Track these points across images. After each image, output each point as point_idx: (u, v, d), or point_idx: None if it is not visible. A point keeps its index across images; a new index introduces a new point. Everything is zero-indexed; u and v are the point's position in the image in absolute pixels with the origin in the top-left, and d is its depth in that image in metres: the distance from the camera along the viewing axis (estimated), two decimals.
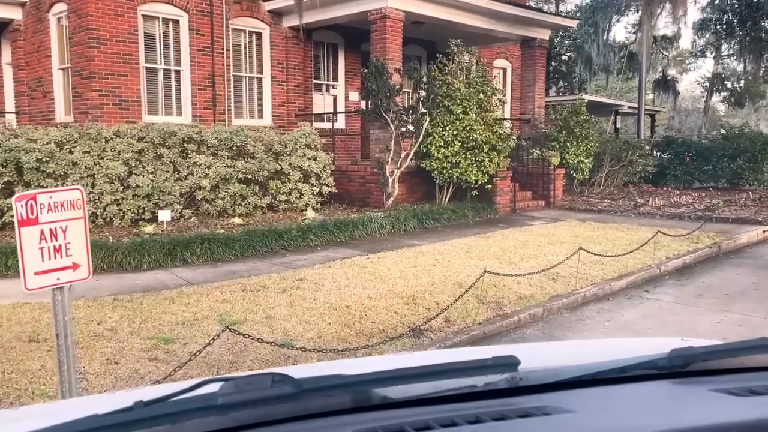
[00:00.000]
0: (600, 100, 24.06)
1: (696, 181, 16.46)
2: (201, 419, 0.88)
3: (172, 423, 0.86)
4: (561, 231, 9.68)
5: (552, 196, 13.23)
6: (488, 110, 11.40)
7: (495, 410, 1.00)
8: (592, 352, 1.47)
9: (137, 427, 0.84)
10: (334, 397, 0.99)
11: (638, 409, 1.06)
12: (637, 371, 1.17)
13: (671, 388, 1.16)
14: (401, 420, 0.95)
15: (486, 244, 8.51)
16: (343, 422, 0.96)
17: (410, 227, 10.01)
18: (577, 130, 13.73)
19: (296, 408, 0.95)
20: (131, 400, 0.88)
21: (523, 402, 1.05)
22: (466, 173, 11.22)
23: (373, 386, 1.02)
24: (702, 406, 1.07)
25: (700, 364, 1.19)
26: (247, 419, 0.92)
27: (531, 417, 0.99)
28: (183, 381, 1.48)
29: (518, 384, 1.11)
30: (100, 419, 0.83)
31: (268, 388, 0.91)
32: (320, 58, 14.52)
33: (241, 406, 0.89)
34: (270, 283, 6.16)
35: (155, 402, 0.88)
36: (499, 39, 15.13)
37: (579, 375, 1.15)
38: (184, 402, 0.88)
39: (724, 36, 29.62)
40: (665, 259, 7.61)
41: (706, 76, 58.17)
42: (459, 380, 1.06)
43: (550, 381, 1.13)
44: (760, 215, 10.97)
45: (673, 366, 1.16)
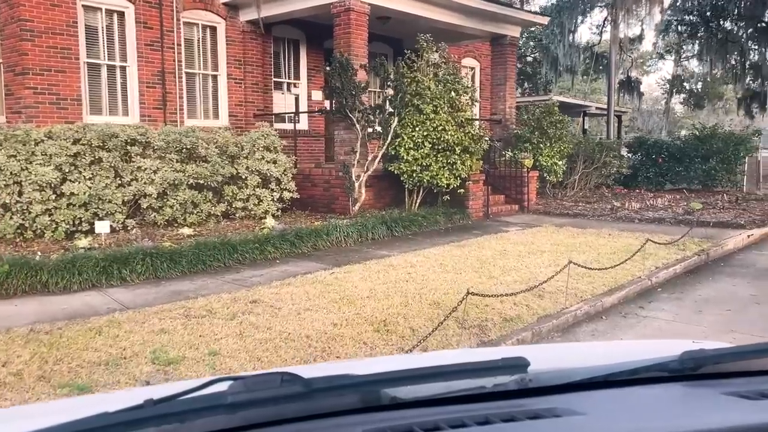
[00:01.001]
0: (568, 100, 23.75)
1: (668, 182, 16.15)
2: (210, 418, 0.88)
3: (181, 422, 0.86)
4: (539, 238, 9.06)
5: (526, 200, 12.65)
6: (460, 110, 10.75)
7: (504, 411, 0.99)
8: (602, 354, 1.48)
9: (147, 425, 0.83)
10: (344, 397, 0.99)
11: (649, 412, 1.05)
12: (648, 373, 1.17)
13: (682, 391, 1.16)
14: (410, 420, 0.94)
15: (461, 254, 7.82)
16: (352, 422, 0.96)
17: (378, 235, 9.26)
18: (550, 130, 13.20)
19: (305, 407, 0.95)
20: (141, 398, 0.88)
21: (532, 403, 1.05)
22: (437, 177, 10.53)
23: (383, 386, 1.02)
24: (713, 409, 1.06)
25: (711, 367, 1.18)
26: (256, 418, 0.92)
27: (540, 419, 0.98)
28: (192, 379, 1.40)
29: (528, 385, 1.10)
30: (111, 417, 0.83)
31: (278, 388, 0.91)
32: (281, 55, 13.66)
33: (250, 405, 0.89)
34: (219, 307, 5.33)
35: (165, 400, 0.88)
36: (469, 36, 14.52)
37: (589, 377, 1.14)
38: (193, 401, 0.88)
39: (686, 37, 29.72)
40: (655, 269, 7.04)
41: (666, 77, 59.16)
42: (468, 381, 1.06)
43: (560, 383, 1.12)
44: (742, 218, 10.57)
45: (684, 369, 1.15)
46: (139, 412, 0.85)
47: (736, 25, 25.19)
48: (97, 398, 1.48)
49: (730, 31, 25.88)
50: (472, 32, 13.81)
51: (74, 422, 0.83)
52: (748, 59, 28.54)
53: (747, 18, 23.50)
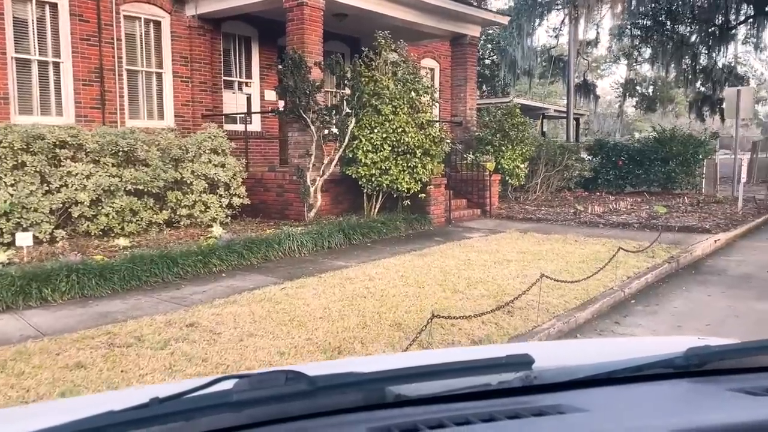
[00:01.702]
0: (528, 103, 23.64)
1: (628, 185, 16.05)
2: (215, 416, 0.88)
3: (186, 420, 0.86)
4: (504, 245, 8.63)
5: (488, 204, 12.26)
6: (420, 111, 10.26)
7: (509, 409, 0.99)
8: (607, 351, 1.43)
9: (152, 424, 0.83)
10: (348, 395, 0.99)
11: (654, 409, 1.05)
12: (652, 370, 1.16)
13: (687, 388, 1.15)
14: (415, 418, 0.95)
15: (424, 264, 7.30)
16: (357, 420, 0.96)
17: (335, 244, 8.67)
18: (512, 133, 12.86)
19: (310, 405, 0.95)
20: (146, 396, 0.87)
21: (537, 401, 1.05)
22: (397, 181, 10.02)
23: (387, 384, 1.02)
24: (719, 406, 1.06)
25: (716, 363, 1.17)
26: (261, 416, 0.92)
27: (545, 416, 0.98)
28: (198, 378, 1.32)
29: (532, 383, 1.10)
30: (116, 415, 0.83)
31: (283, 386, 0.91)
32: (231, 53, 12.94)
33: (255, 403, 0.89)
34: (149, 333, 4.66)
35: (170, 399, 0.88)
36: (428, 35, 14.08)
37: (594, 374, 1.14)
38: (199, 399, 0.88)
39: (640, 42, 30.08)
40: (627, 279, 6.67)
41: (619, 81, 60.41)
42: (473, 378, 1.05)
43: (565, 380, 1.12)
44: (706, 223, 10.40)
45: (689, 365, 1.14)
46: (145, 411, 0.84)
47: (690, 27, 25.55)
48: (102, 397, 1.46)
49: (684, 35, 26.26)
50: (431, 31, 13.38)
51: (80, 421, 0.82)
52: (699, 63, 29.08)
53: (701, 21, 23.82)
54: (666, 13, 24.89)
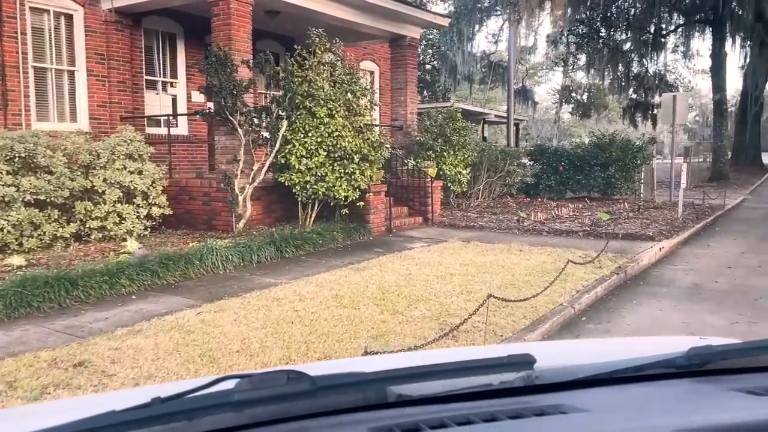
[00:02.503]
0: (469, 107, 23.48)
1: (569, 190, 15.96)
2: (217, 416, 0.87)
3: (188, 419, 0.86)
4: (447, 257, 8.13)
5: (430, 211, 11.79)
6: (358, 114, 9.67)
7: (511, 409, 0.99)
8: (608, 351, 1.42)
9: (154, 424, 0.83)
10: (350, 395, 0.98)
11: (656, 408, 1.05)
12: (654, 370, 1.15)
13: (689, 387, 1.15)
14: (416, 418, 0.95)
15: (361, 280, 6.70)
16: (359, 419, 0.96)
17: (265, 258, 7.95)
18: (454, 138, 12.46)
19: (312, 405, 0.95)
20: (148, 396, 0.87)
21: (538, 400, 1.05)
22: (334, 188, 9.38)
23: (389, 384, 1.01)
24: (720, 406, 1.06)
25: (718, 363, 1.17)
26: (262, 416, 0.92)
27: (547, 416, 0.98)
28: (199, 378, 1.26)
29: (534, 383, 1.09)
30: (118, 415, 0.83)
31: (284, 385, 0.90)
32: (154, 50, 12.00)
33: (256, 402, 0.89)
34: (26, 376, 3.86)
35: (172, 398, 0.88)
36: (367, 36, 13.54)
37: (595, 374, 1.14)
38: (200, 399, 0.88)
39: (576, 48, 30.57)
40: (576, 293, 6.26)
41: (556, 88, 61.89)
42: (474, 378, 1.05)
43: (566, 380, 1.11)
44: (649, 229, 10.24)
45: (690, 365, 1.14)
46: (147, 411, 0.84)
47: (625, 35, 26.06)
48: (104, 397, 1.44)
49: (618, 42, 26.78)
50: (370, 31, 12.84)
51: (82, 420, 0.82)
52: (632, 70, 29.80)
53: (634, 29, 24.29)
54: (602, 21, 25.30)
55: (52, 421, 0.83)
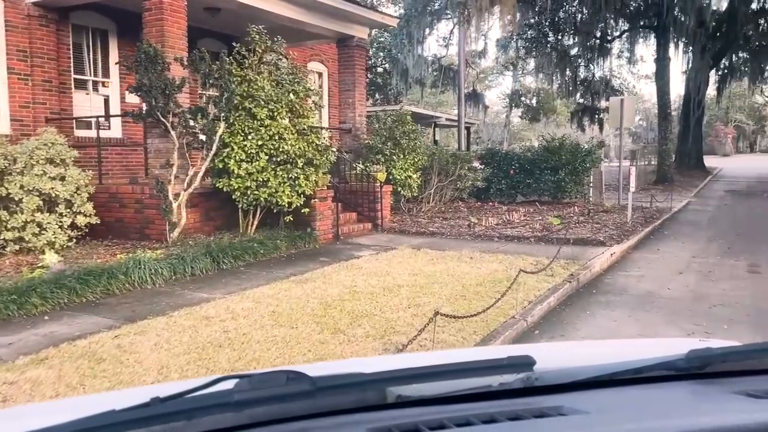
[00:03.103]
0: (419, 111, 23.28)
1: (520, 194, 15.86)
2: (216, 416, 0.88)
3: (188, 419, 0.86)
4: (396, 266, 7.75)
5: (380, 217, 11.40)
6: (302, 116, 9.19)
7: (510, 410, 0.99)
8: (608, 353, 1.45)
9: (153, 423, 0.83)
10: (349, 395, 0.99)
11: (656, 411, 1.04)
12: (654, 372, 1.15)
13: (689, 390, 1.15)
14: (416, 419, 0.94)
15: (303, 294, 6.24)
16: (358, 420, 0.95)
17: (200, 270, 7.39)
18: (403, 141, 12.12)
19: (311, 405, 0.95)
20: (147, 396, 0.87)
21: (538, 402, 1.04)
22: (277, 194, 8.88)
23: (388, 385, 1.01)
24: (720, 408, 1.05)
25: (718, 365, 1.16)
26: (262, 416, 0.92)
27: (546, 417, 0.98)
28: (198, 378, 1.18)
29: (533, 384, 1.09)
30: (117, 415, 0.83)
31: (283, 386, 0.90)
32: (84, 48, 11.22)
33: (256, 403, 0.89)
34: None
35: (171, 398, 0.88)
36: (314, 36, 13.08)
37: (595, 375, 1.13)
38: (200, 399, 0.88)
39: (525, 53, 30.82)
40: (528, 304, 5.97)
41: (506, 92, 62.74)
42: (474, 380, 1.06)
43: (566, 381, 1.11)
44: (600, 234, 10.12)
45: (690, 367, 1.14)
46: (146, 410, 0.84)
47: (572, 39, 26.36)
48: (103, 397, 1.37)
49: (566, 47, 27.09)
50: (316, 31, 12.38)
51: (81, 420, 0.82)
52: (579, 75, 30.23)
53: (581, 34, 24.58)
54: (550, 25, 25.51)
55: (51, 421, 0.83)
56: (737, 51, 26.02)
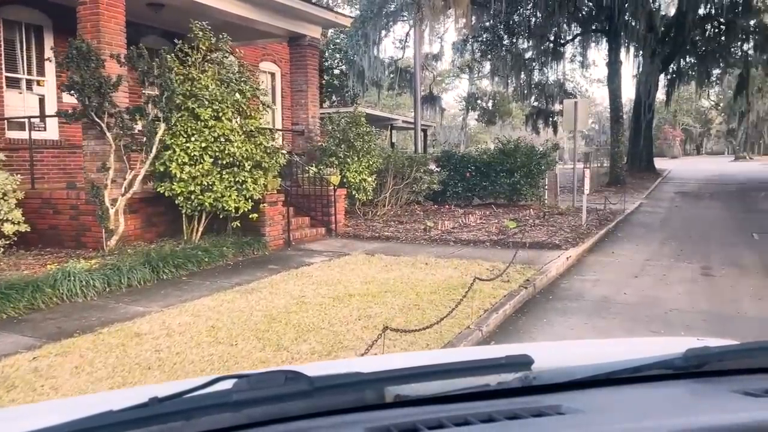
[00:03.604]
0: (375, 113, 23.04)
1: (476, 197, 15.75)
2: (215, 416, 0.88)
3: (186, 419, 0.86)
4: (348, 274, 7.43)
5: (334, 222, 11.07)
6: (250, 116, 8.79)
7: (508, 409, 0.99)
8: (606, 352, 1.44)
9: (152, 423, 0.83)
10: (347, 395, 0.99)
11: (653, 409, 1.04)
12: (652, 371, 1.15)
13: (687, 388, 1.15)
14: (414, 418, 0.94)
15: (246, 306, 5.86)
16: (356, 420, 0.96)
17: (138, 281, 6.92)
18: (357, 143, 11.82)
19: (309, 405, 0.95)
20: (146, 396, 0.87)
21: (536, 401, 1.04)
22: (223, 199, 8.45)
23: (386, 384, 1.02)
24: (718, 407, 1.06)
25: (715, 364, 1.17)
26: (260, 416, 0.92)
27: (544, 416, 0.98)
28: (197, 378, 1.22)
29: (531, 383, 1.10)
30: (115, 415, 0.83)
31: (282, 386, 0.90)
32: (16, 44, 10.54)
33: (254, 403, 0.89)
34: None
35: (170, 398, 0.87)
36: (265, 34, 12.66)
37: (593, 375, 1.14)
38: (198, 399, 0.88)
39: (481, 56, 30.97)
40: (484, 312, 5.74)
41: (462, 95, 63.26)
42: (472, 379, 1.06)
43: (564, 381, 1.11)
44: (556, 237, 10.03)
45: (688, 366, 1.14)
46: (144, 410, 0.84)
47: (527, 43, 26.56)
48: (102, 397, 1.39)
49: (521, 50, 27.28)
50: (267, 29, 11.97)
51: (79, 420, 0.82)
52: (534, 79, 30.56)
53: (536, 37, 24.77)
54: (505, 29, 25.64)
55: (49, 421, 0.83)
56: (685, 56, 26.70)
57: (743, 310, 6.03)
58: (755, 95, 34.46)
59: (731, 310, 6.07)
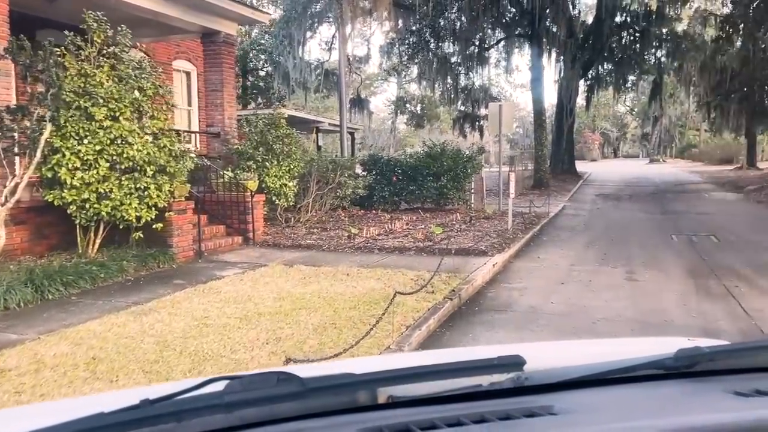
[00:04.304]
0: (300, 115, 22.39)
1: (403, 201, 15.42)
2: (207, 417, 0.88)
3: (178, 421, 0.86)
4: (261, 288, 6.82)
5: (251, 230, 10.39)
6: (153, 117, 8.02)
7: (500, 410, 0.99)
8: (597, 352, 1.44)
9: (143, 425, 0.83)
10: (340, 396, 0.99)
11: (644, 409, 1.05)
12: (643, 371, 1.16)
13: (678, 389, 1.16)
14: (407, 419, 0.95)
15: (139, 330, 5.16)
16: (349, 421, 0.96)
17: (18, 302, 6.06)
18: (276, 146, 11.18)
19: (301, 407, 0.95)
20: (137, 398, 0.87)
21: (528, 402, 1.05)
22: (123, 207, 7.65)
23: (379, 385, 1.02)
24: (709, 406, 1.07)
25: (706, 364, 1.18)
26: (252, 418, 0.92)
27: (536, 417, 0.98)
28: (189, 379, 1.18)
29: (524, 384, 1.10)
30: (106, 417, 0.83)
31: (274, 387, 0.91)
32: None
33: (246, 404, 0.89)
34: None
35: (161, 400, 0.87)
36: (176, 30, 11.79)
37: (585, 375, 1.14)
38: (190, 400, 0.88)
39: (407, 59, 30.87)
40: (406, 329, 5.30)
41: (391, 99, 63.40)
42: (464, 379, 1.06)
43: (556, 381, 1.12)
44: (482, 243, 9.77)
45: (679, 366, 1.15)
46: (136, 413, 0.84)
47: (453, 46, 26.61)
48: (93, 399, 1.41)
49: (447, 54, 27.33)
50: (178, 24, 11.13)
51: (70, 423, 0.82)
52: (460, 83, 30.75)
53: (461, 41, 24.83)
54: (431, 32, 25.57)
55: (39, 424, 0.83)
56: (603, 62, 27.53)
57: (670, 318, 5.88)
58: (668, 101, 36.15)
59: (658, 318, 5.91)
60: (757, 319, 5.74)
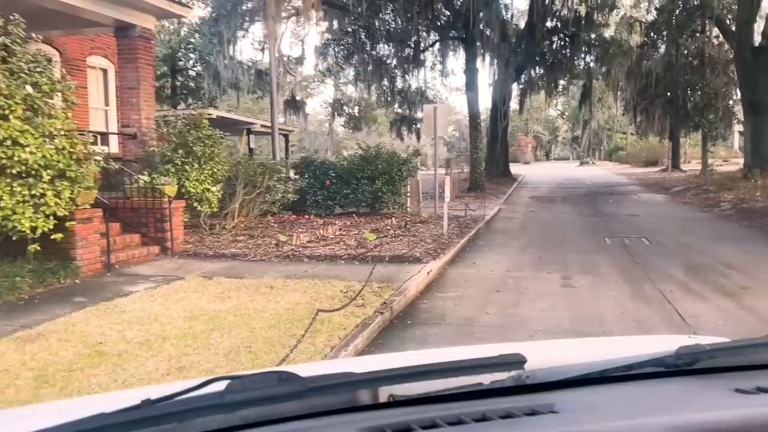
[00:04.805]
0: (230, 116, 21.52)
1: (337, 206, 14.89)
2: (208, 417, 0.87)
3: (179, 421, 0.85)
4: (173, 306, 6.16)
5: (170, 238, 9.62)
6: (50, 116, 7.19)
7: (502, 408, 0.99)
8: (598, 350, 1.43)
9: (145, 425, 0.82)
10: (341, 395, 0.98)
11: (646, 407, 1.04)
12: (644, 369, 1.16)
13: (679, 386, 1.15)
14: (408, 418, 0.94)
15: (17, 361, 4.44)
16: (350, 420, 0.95)
17: None
18: (197, 148, 10.44)
19: (303, 406, 0.94)
20: (138, 398, 0.87)
21: (529, 400, 1.04)
22: (15, 217, 6.79)
23: (380, 384, 1.02)
24: (710, 404, 1.06)
25: (707, 361, 1.18)
26: (253, 417, 0.91)
27: (538, 415, 0.98)
28: (190, 379, 1.14)
29: (525, 382, 1.10)
30: (108, 417, 0.82)
31: (275, 387, 0.90)
32: None
33: (247, 404, 0.88)
34: None
35: (162, 400, 0.86)
36: (88, 23, 10.84)
37: (586, 373, 1.13)
38: (191, 400, 0.87)
39: (343, 61, 30.39)
40: (330, 350, 4.80)
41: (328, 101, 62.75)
42: (465, 378, 1.05)
43: (557, 379, 1.11)
44: (417, 249, 9.39)
45: (680, 364, 1.14)
46: (137, 413, 0.83)
47: (388, 48, 26.31)
48: (95, 399, 1.40)
49: (383, 56, 27.01)
50: (88, 16, 10.22)
51: (72, 423, 0.81)
52: (396, 85, 30.50)
53: (396, 42, 24.55)
54: (366, 33, 25.17)
55: (41, 424, 0.81)
56: (535, 66, 27.90)
57: (608, 328, 5.63)
58: (596, 105, 37.16)
59: (596, 327, 5.66)
60: (696, 327, 5.57)
